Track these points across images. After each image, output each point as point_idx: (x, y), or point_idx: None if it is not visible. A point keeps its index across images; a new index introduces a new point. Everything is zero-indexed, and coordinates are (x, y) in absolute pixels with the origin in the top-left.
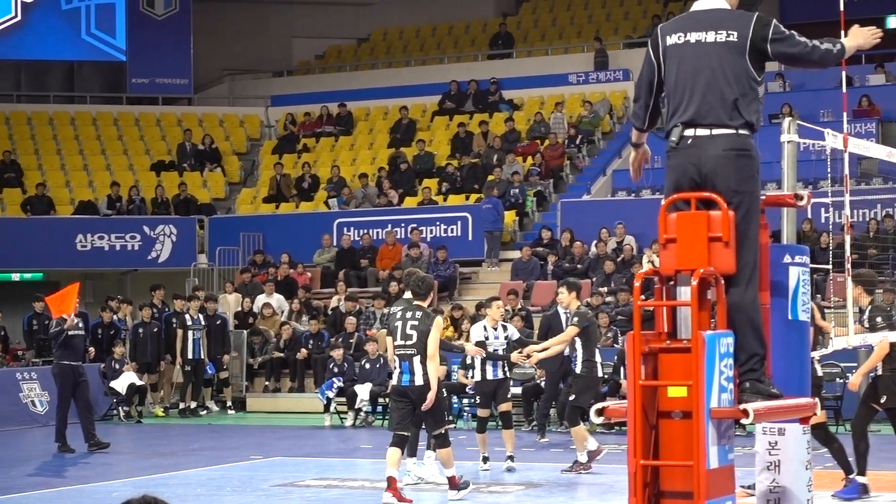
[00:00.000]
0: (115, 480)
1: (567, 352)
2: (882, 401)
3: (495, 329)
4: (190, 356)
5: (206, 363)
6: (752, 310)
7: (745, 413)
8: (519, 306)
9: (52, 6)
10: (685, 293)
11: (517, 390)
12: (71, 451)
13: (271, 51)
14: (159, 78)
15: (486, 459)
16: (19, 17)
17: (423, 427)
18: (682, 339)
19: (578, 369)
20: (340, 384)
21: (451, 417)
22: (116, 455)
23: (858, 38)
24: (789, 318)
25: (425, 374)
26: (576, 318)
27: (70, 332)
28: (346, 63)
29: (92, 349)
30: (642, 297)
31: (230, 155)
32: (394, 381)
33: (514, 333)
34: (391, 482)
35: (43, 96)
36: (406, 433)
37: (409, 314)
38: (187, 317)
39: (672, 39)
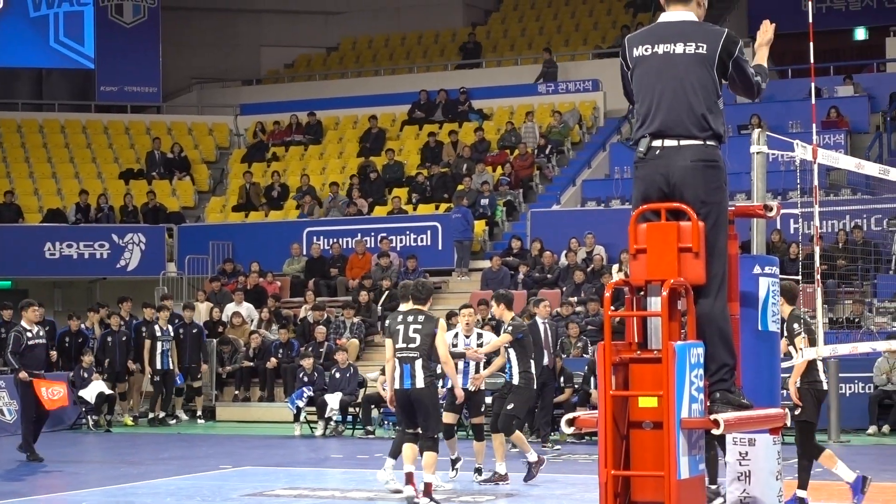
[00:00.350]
0: (83, 489)
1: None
2: (796, 412)
3: (468, 336)
4: (159, 366)
5: (175, 373)
6: (721, 320)
7: (716, 423)
8: (489, 316)
9: (20, 13)
10: (655, 303)
11: (489, 399)
12: (39, 459)
13: (240, 59)
14: (128, 86)
15: (454, 462)
16: None
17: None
18: (653, 349)
19: (516, 381)
20: (310, 393)
21: None
22: (85, 464)
23: (762, 45)
24: (759, 328)
25: (426, 376)
26: (510, 327)
27: (31, 342)
28: (315, 72)
29: (54, 353)
30: (612, 307)
31: (199, 163)
32: (396, 385)
33: (492, 340)
34: (409, 478)
35: (11, 104)
36: (415, 430)
37: (410, 318)
38: (157, 327)
39: (639, 51)
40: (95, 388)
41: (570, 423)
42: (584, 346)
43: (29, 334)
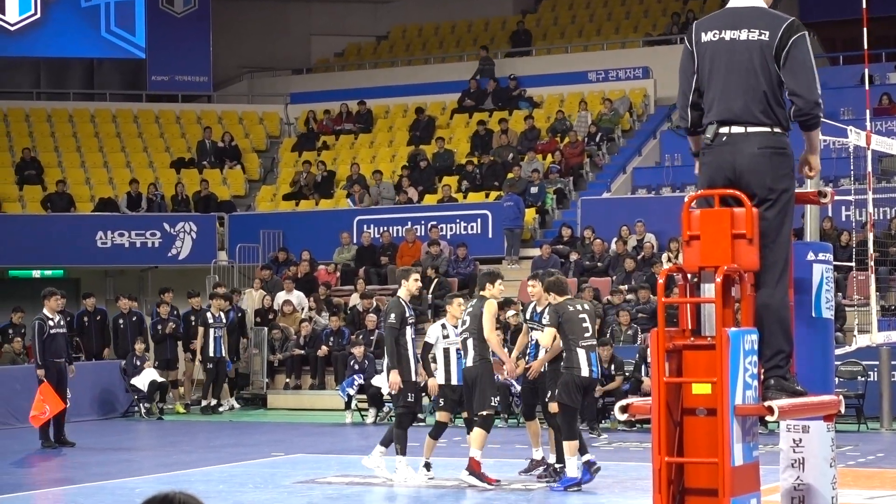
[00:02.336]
0: (136, 477)
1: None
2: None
3: (456, 327)
4: (211, 354)
5: (227, 361)
6: (781, 307)
7: (770, 410)
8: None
9: (71, 4)
10: (709, 290)
11: None
12: (53, 446)
13: (290, 48)
14: (179, 75)
15: (428, 466)
16: (39, 15)
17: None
18: (707, 336)
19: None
20: (361, 381)
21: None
22: (138, 451)
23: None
24: (813, 315)
25: (476, 355)
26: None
27: (52, 331)
28: (365, 61)
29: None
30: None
31: (250, 152)
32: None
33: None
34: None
35: (63, 94)
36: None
37: (469, 303)
38: (209, 315)
39: (707, 36)
40: (147, 376)
41: (624, 409)
42: (634, 334)
43: (51, 322)
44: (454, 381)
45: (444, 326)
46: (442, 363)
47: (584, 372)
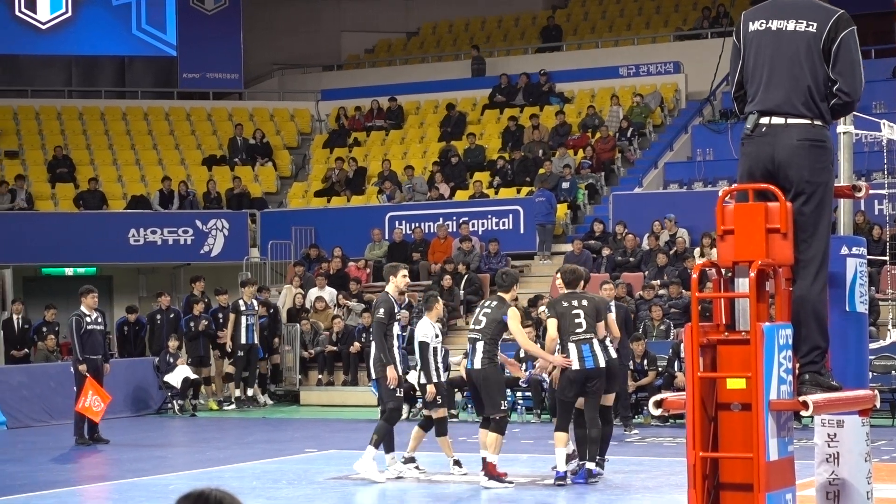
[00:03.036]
0: (170, 473)
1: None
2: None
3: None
4: (243, 341)
5: (258, 348)
6: (818, 302)
7: (805, 405)
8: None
9: (102, 2)
10: (743, 285)
11: None
12: (87, 443)
13: (321, 45)
14: (210, 73)
15: (456, 463)
16: (70, 13)
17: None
18: (741, 330)
19: (602, 363)
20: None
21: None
22: (172, 448)
23: None
24: (847, 309)
25: (484, 357)
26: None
27: (89, 328)
28: (396, 57)
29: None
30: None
31: (281, 149)
32: (467, 366)
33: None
34: (484, 463)
35: (94, 91)
36: (481, 414)
37: (486, 302)
38: (241, 302)
39: (754, 26)
40: (181, 373)
41: (658, 404)
42: (667, 329)
43: (88, 319)
44: (443, 379)
45: (433, 325)
46: (431, 362)
47: (575, 365)
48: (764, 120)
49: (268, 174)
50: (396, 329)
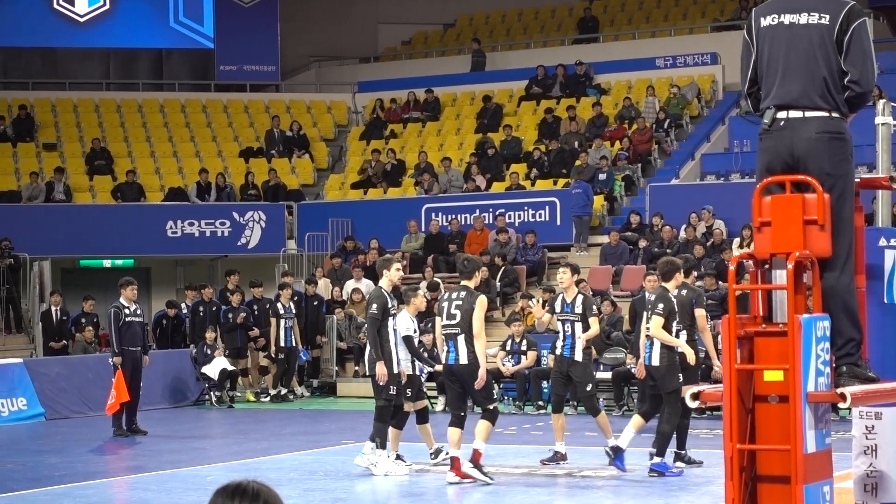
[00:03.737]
0: (208, 465)
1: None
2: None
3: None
4: (282, 343)
5: (298, 350)
6: (846, 294)
7: (843, 397)
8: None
9: None
10: (781, 276)
11: (607, 375)
12: (125, 434)
13: (358, 37)
14: (247, 65)
15: (438, 453)
16: (108, 6)
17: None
18: (778, 322)
19: (580, 356)
20: (430, 369)
21: (541, 402)
22: (209, 440)
23: None
24: (885, 301)
25: (469, 352)
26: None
27: (128, 319)
28: (432, 49)
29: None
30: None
31: (318, 141)
32: (444, 361)
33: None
34: (455, 462)
35: (132, 84)
36: (463, 412)
37: (454, 294)
38: (279, 305)
39: (766, 21)
40: (218, 365)
41: (696, 396)
42: None
43: (127, 311)
44: (417, 372)
45: (412, 319)
46: (408, 354)
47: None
48: (781, 114)
49: (305, 166)
50: (392, 324)
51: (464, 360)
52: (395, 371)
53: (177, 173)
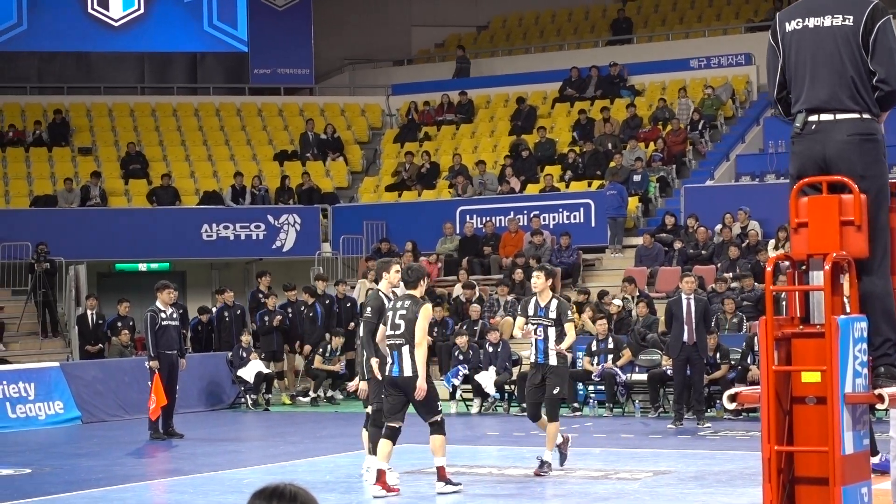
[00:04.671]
0: (244, 468)
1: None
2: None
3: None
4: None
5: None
6: (884, 295)
7: (881, 398)
8: (637, 294)
9: None
10: (818, 278)
11: (643, 377)
12: (162, 437)
13: (391, 39)
14: (281, 68)
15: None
16: (143, 10)
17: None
18: (815, 324)
19: (554, 361)
20: (466, 371)
21: (576, 404)
22: (245, 442)
23: None
24: None
25: (413, 363)
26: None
27: (164, 323)
28: (466, 51)
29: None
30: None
31: (352, 144)
32: (387, 371)
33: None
34: (380, 475)
35: (166, 88)
36: (398, 424)
37: (399, 304)
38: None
39: (791, 25)
40: (254, 368)
41: (733, 398)
42: (739, 322)
43: (163, 315)
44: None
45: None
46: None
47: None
48: (812, 118)
49: (339, 169)
50: None
51: (408, 371)
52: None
53: (211, 177)
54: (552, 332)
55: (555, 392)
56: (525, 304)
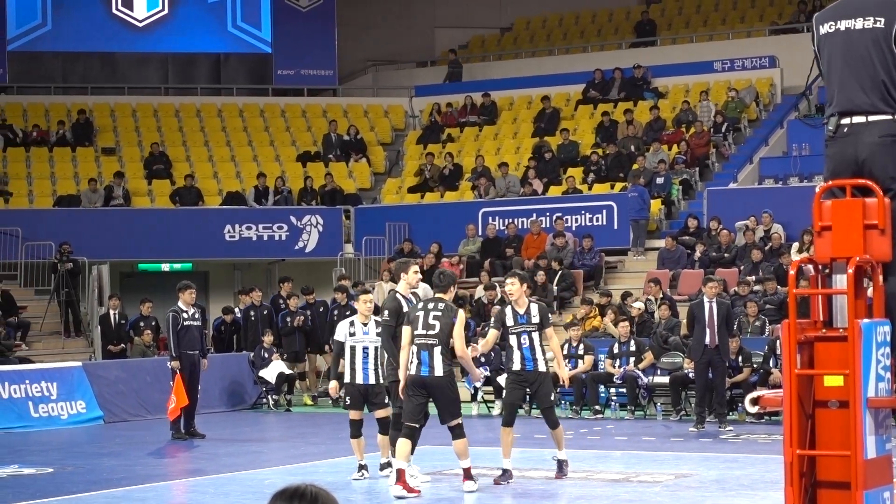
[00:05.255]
0: (266, 468)
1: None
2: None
3: (365, 324)
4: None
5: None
6: None
7: None
8: (660, 296)
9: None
10: (841, 281)
11: (665, 380)
12: (183, 437)
13: (415, 41)
14: (304, 69)
15: (361, 468)
16: (167, 11)
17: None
18: (838, 327)
19: (543, 367)
20: (487, 373)
21: (598, 406)
22: (267, 443)
23: None
24: None
25: (445, 364)
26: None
27: (186, 323)
28: (489, 53)
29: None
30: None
31: (375, 145)
32: (412, 372)
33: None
34: (400, 474)
35: (190, 89)
36: (418, 425)
37: (431, 305)
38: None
39: (825, 28)
40: (276, 369)
41: (755, 402)
42: (762, 326)
43: (185, 315)
44: (359, 380)
45: (352, 324)
46: (348, 361)
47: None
48: (845, 120)
49: (362, 170)
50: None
51: (439, 371)
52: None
53: (235, 177)
54: (536, 337)
55: (552, 399)
56: (501, 315)
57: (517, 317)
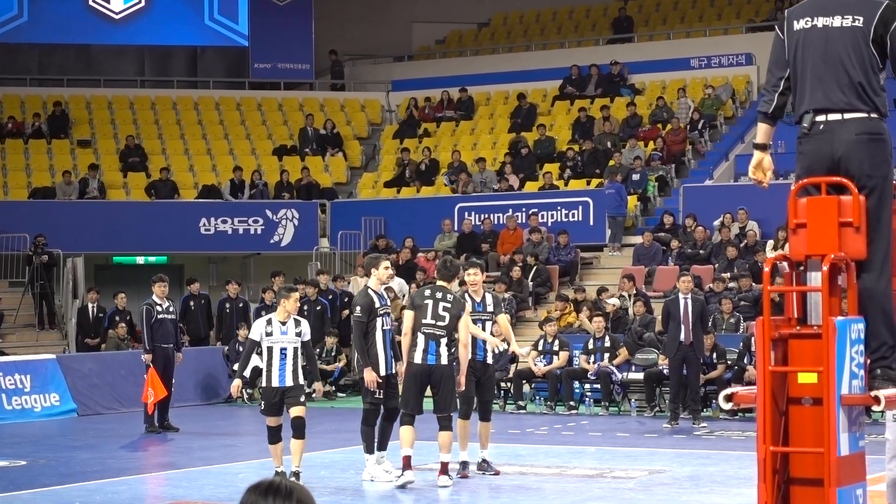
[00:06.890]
0: (239, 462)
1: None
2: None
3: (283, 323)
4: None
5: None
6: (884, 297)
7: (877, 400)
8: (635, 292)
9: None
10: (815, 278)
11: (639, 376)
12: (157, 431)
13: (392, 36)
14: (281, 63)
15: (278, 475)
16: (143, 4)
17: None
18: (813, 324)
19: (490, 359)
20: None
21: (572, 402)
22: (241, 437)
23: None
24: None
25: (449, 355)
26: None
27: (160, 316)
28: (466, 48)
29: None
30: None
31: (351, 140)
32: (416, 360)
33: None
34: (407, 461)
35: (166, 81)
36: (415, 413)
37: (439, 295)
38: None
39: (799, 24)
40: (251, 363)
41: (729, 398)
42: (736, 322)
43: (159, 308)
44: (275, 383)
45: (269, 322)
46: (265, 362)
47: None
48: (820, 118)
49: (338, 164)
50: (381, 324)
51: (445, 360)
52: (384, 374)
53: (210, 171)
54: (489, 326)
55: (493, 392)
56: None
57: (474, 304)
